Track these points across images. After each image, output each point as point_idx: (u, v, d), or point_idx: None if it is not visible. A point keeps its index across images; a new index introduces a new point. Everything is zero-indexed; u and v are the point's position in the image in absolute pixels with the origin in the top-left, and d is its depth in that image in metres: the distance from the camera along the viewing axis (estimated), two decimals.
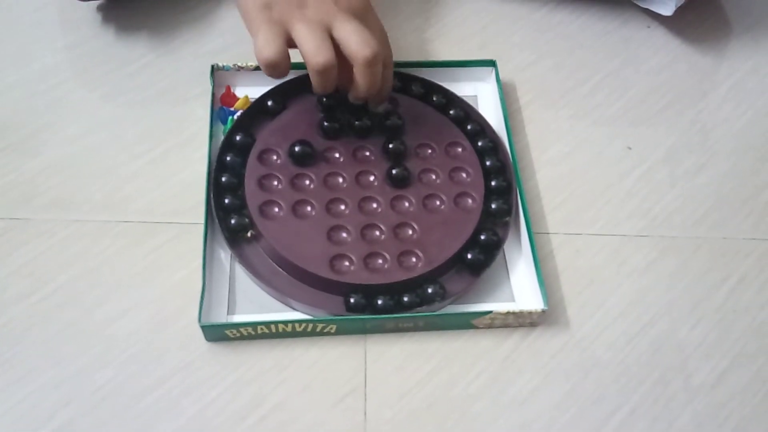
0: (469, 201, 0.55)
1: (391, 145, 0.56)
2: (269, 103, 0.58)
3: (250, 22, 0.51)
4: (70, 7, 0.66)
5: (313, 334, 0.50)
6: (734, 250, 0.57)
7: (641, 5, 0.70)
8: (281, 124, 0.57)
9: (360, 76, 0.51)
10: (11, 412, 0.47)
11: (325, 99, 0.57)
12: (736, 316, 0.54)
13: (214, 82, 0.60)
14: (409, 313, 0.50)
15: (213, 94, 0.59)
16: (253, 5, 0.50)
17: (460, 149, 0.57)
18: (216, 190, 0.54)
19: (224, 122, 0.59)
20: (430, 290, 0.51)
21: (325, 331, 0.50)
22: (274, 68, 0.49)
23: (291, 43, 0.50)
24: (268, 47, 0.48)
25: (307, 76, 0.52)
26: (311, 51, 0.49)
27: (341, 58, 0.50)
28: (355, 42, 0.49)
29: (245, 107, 0.58)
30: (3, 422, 0.46)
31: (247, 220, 0.52)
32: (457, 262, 0.53)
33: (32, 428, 0.46)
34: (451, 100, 0.61)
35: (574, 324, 0.53)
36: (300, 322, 0.49)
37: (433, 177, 0.56)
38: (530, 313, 0.51)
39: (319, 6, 0.50)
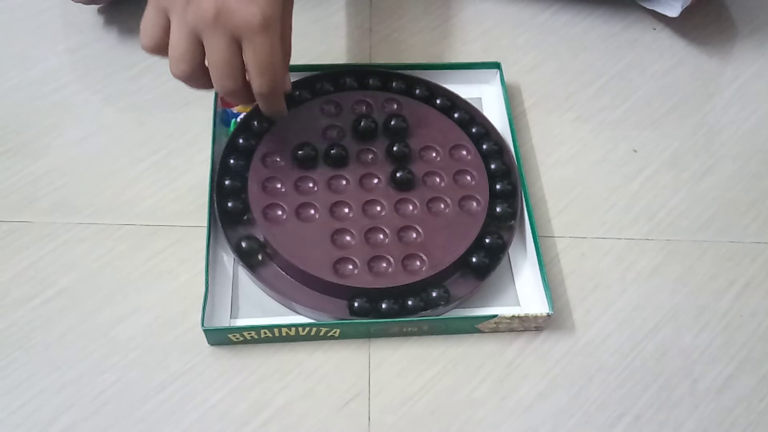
0: (474, 204, 0.55)
1: (395, 148, 0.56)
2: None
3: None
4: (72, 11, 0.65)
5: (317, 338, 0.50)
6: (740, 254, 0.57)
7: (647, 6, 0.70)
8: (285, 127, 0.57)
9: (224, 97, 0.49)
10: (13, 416, 0.47)
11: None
12: (742, 320, 0.54)
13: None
14: (414, 317, 0.50)
15: (216, 97, 0.59)
16: None
17: (464, 152, 0.57)
18: (219, 193, 0.54)
19: (227, 125, 0.58)
20: (434, 294, 0.51)
21: (328, 335, 0.50)
22: (152, 53, 0.47)
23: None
24: (145, 35, 0.47)
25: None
26: (173, 58, 0.46)
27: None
28: (211, 72, 0.47)
29: (248, 110, 0.58)
30: (5, 426, 0.46)
31: (256, 245, 0.52)
32: (461, 265, 0.53)
33: None
34: (456, 102, 0.61)
35: (579, 328, 0.53)
36: (303, 326, 0.49)
37: (438, 180, 0.56)
38: (535, 317, 0.50)
39: (199, 11, 0.45)
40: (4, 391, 0.47)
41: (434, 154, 0.57)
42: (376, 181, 0.55)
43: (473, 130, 0.59)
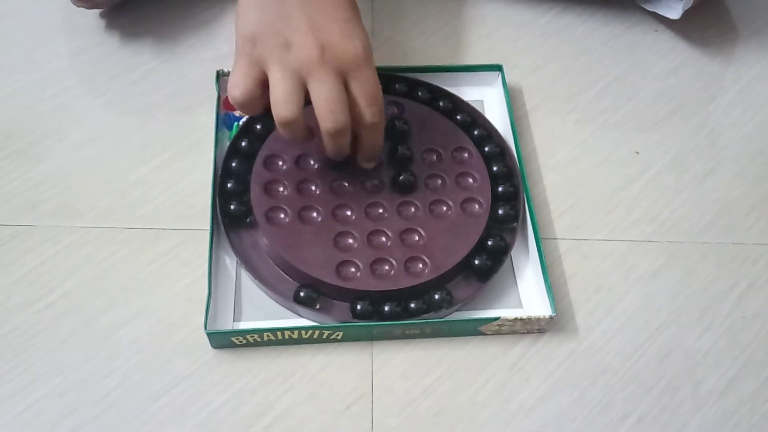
0: (476, 206, 0.55)
1: (397, 151, 0.56)
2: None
3: (236, 50, 0.48)
4: (74, 14, 0.65)
5: (320, 341, 0.50)
6: (743, 256, 0.57)
7: (648, 9, 0.70)
8: None
9: (326, 142, 0.49)
10: (17, 420, 0.47)
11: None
12: (745, 322, 0.54)
13: (219, 87, 0.59)
14: (416, 319, 0.50)
15: (218, 100, 0.59)
16: (241, 35, 0.47)
17: (466, 154, 0.57)
18: (222, 196, 0.54)
19: (230, 128, 0.58)
20: (437, 296, 0.51)
21: (331, 337, 0.50)
22: (242, 107, 0.48)
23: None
24: (238, 86, 0.47)
25: None
26: (277, 102, 0.46)
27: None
28: (322, 110, 0.47)
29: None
30: (8, 431, 0.46)
31: (312, 293, 0.50)
32: (464, 268, 0.53)
33: None
34: (458, 105, 0.61)
35: (582, 330, 0.53)
36: (306, 328, 0.49)
37: (440, 182, 0.56)
38: (538, 319, 0.50)
39: (301, 53, 0.46)
40: (6, 395, 0.47)
41: (436, 157, 0.57)
42: (378, 183, 0.55)
43: (475, 132, 0.59)
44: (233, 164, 0.55)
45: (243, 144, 0.56)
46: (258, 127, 0.57)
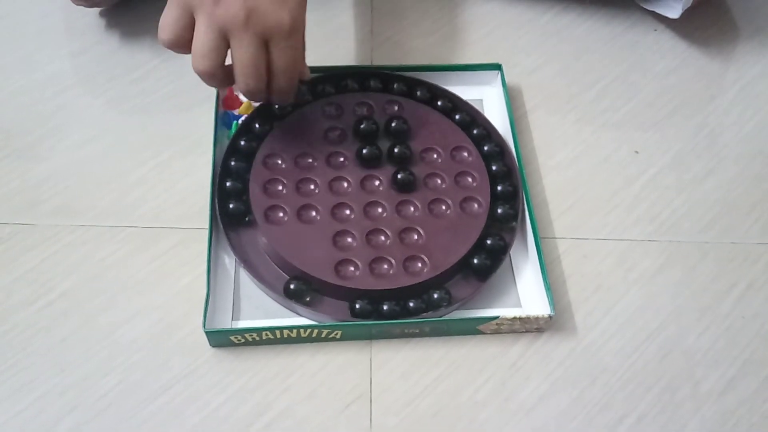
0: (475, 206, 0.55)
1: (396, 150, 0.56)
2: (274, 107, 0.58)
3: None
4: (74, 14, 0.66)
5: (319, 339, 0.50)
6: (743, 256, 0.57)
7: (648, 8, 0.70)
8: (286, 129, 0.57)
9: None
10: (16, 418, 0.47)
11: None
12: (744, 322, 0.54)
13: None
14: (415, 318, 0.50)
15: (217, 99, 0.59)
16: None
17: (465, 154, 0.57)
18: (221, 195, 0.54)
19: (229, 127, 0.58)
20: (436, 296, 0.51)
21: (330, 336, 0.50)
22: (170, 48, 0.48)
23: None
24: (166, 30, 0.47)
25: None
26: (195, 53, 0.47)
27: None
28: (237, 72, 0.48)
29: (249, 112, 0.58)
30: (8, 429, 0.46)
31: (302, 285, 0.51)
32: (463, 267, 0.53)
33: None
34: (457, 104, 0.61)
35: (581, 330, 0.52)
36: (305, 327, 0.49)
37: (439, 182, 0.56)
38: (537, 318, 0.50)
39: (228, 11, 0.46)
40: (6, 394, 0.47)
41: (435, 156, 0.57)
42: (377, 182, 0.55)
43: (474, 131, 0.59)
44: (232, 163, 0.55)
45: (242, 143, 0.56)
46: (257, 126, 0.57)
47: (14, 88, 0.62)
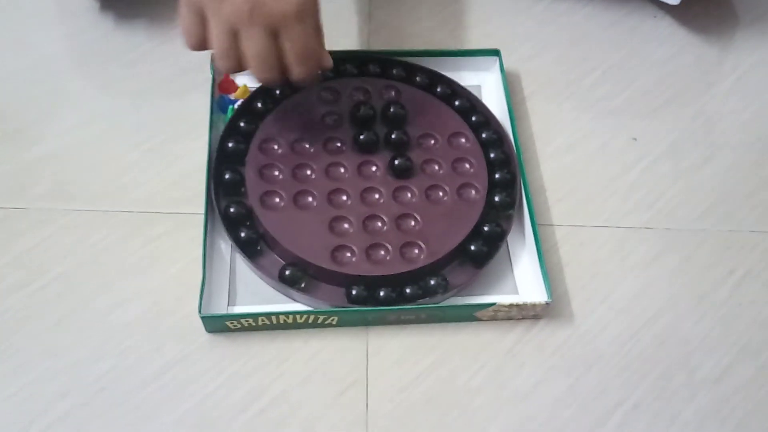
0: (473, 192, 0.54)
1: (393, 135, 0.55)
2: (271, 92, 0.57)
3: None
4: None
5: (315, 325, 0.50)
6: (739, 244, 0.57)
7: None
8: (283, 114, 0.56)
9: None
10: (7, 403, 0.46)
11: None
12: (740, 310, 0.54)
13: (214, 71, 0.59)
14: (412, 305, 0.50)
15: (213, 83, 0.58)
16: None
17: (463, 140, 0.57)
18: (216, 179, 0.53)
19: (224, 111, 0.58)
20: (432, 282, 0.50)
21: (326, 322, 0.50)
22: (195, 50, 0.49)
23: None
24: (189, 35, 0.48)
25: None
26: (218, 55, 0.48)
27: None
28: (251, 66, 0.48)
29: (245, 96, 0.58)
30: None
31: (297, 271, 0.50)
32: (460, 253, 0.52)
33: (29, 419, 0.46)
34: (456, 90, 0.60)
35: (577, 317, 0.52)
36: (301, 313, 0.48)
37: (436, 168, 0.55)
38: (534, 305, 0.50)
39: (233, 7, 0.46)
40: None
41: (433, 142, 0.57)
42: (374, 168, 0.55)
43: (473, 118, 0.59)
44: (228, 147, 0.55)
45: (239, 126, 0.56)
46: (253, 109, 0.57)
47: (7, 70, 0.61)
